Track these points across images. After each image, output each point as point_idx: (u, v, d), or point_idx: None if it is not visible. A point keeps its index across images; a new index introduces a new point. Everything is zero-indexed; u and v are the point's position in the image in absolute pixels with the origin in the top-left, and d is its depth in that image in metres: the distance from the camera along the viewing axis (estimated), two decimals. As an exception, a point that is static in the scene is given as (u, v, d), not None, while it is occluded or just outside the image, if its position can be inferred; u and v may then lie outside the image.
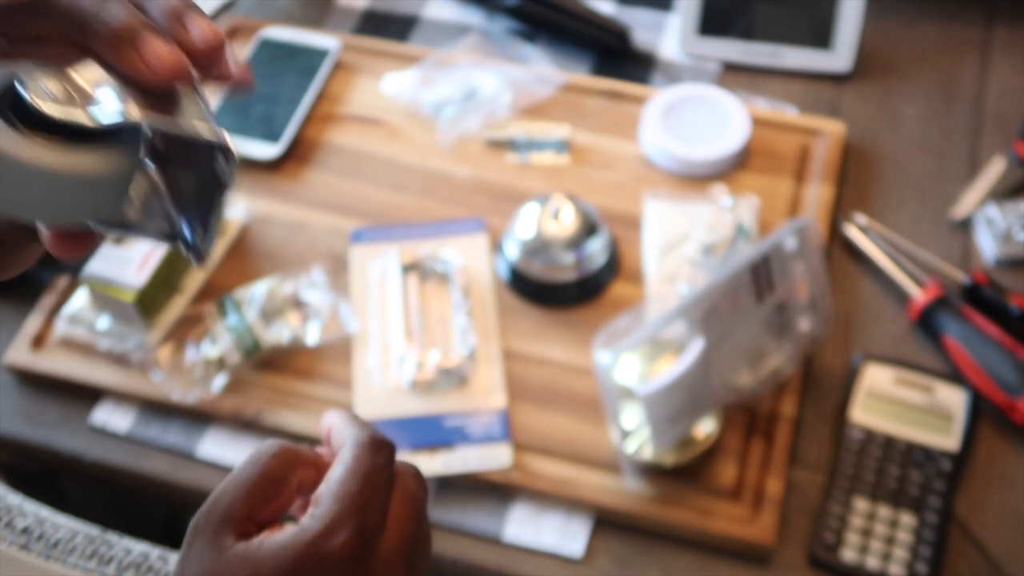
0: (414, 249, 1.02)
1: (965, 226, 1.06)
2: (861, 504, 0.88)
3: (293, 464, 0.51)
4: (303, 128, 1.13)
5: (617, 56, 1.22)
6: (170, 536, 0.85)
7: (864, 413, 0.93)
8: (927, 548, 0.86)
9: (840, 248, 1.05)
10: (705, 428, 0.91)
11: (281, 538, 0.47)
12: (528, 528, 0.89)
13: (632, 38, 1.21)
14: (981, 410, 0.93)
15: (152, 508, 1.04)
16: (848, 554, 0.86)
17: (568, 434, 0.92)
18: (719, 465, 0.90)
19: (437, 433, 0.92)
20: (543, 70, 1.18)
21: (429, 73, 1.17)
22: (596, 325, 0.92)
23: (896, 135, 1.14)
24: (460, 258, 1.01)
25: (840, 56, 1.17)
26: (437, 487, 0.91)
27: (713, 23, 1.19)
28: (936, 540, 0.86)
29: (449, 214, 1.06)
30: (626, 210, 1.06)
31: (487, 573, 0.88)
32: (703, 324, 0.86)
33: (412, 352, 0.95)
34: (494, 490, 0.91)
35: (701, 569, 0.88)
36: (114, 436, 0.95)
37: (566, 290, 1.00)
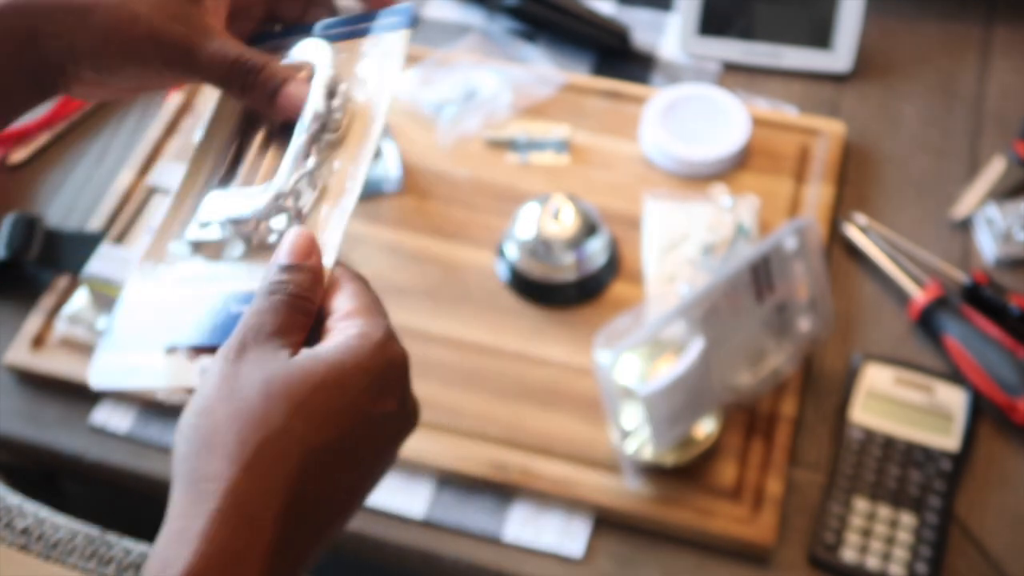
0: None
1: (965, 226, 1.06)
2: (861, 504, 0.88)
3: (310, 300, 0.51)
4: (303, 128, 1.13)
5: (617, 56, 1.22)
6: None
7: (864, 413, 0.93)
8: (927, 548, 0.86)
9: (840, 248, 1.05)
10: (705, 428, 0.91)
11: (348, 342, 0.48)
12: (528, 528, 0.89)
13: (632, 38, 1.21)
14: (981, 410, 0.93)
15: (152, 508, 1.04)
16: (848, 554, 0.86)
17: (568, 434, 0.92)
18: (719, 465, 0.90)
19: None
20: (543, 70, 1.18)
21: (429, 73, 1.17)
22: (596, 325, 0.92)
23: (896, 135, 1.14)
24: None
25: (840, 56, 1.17)
26: (437, 487, 0.91)
27: (713, 23, 1.19)
28: (936, 540, 0.86)
29: (449, 214, 1.06)
30: (626, 210, 1.06)
31: (487, 573, 0.88)
32: (703, 324, 0.86)
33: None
34: (494, 490, 0.91)
35: (701, 569, 0.88)
36: (114, 436, 0.95)
37: (566, 290, 1.00)
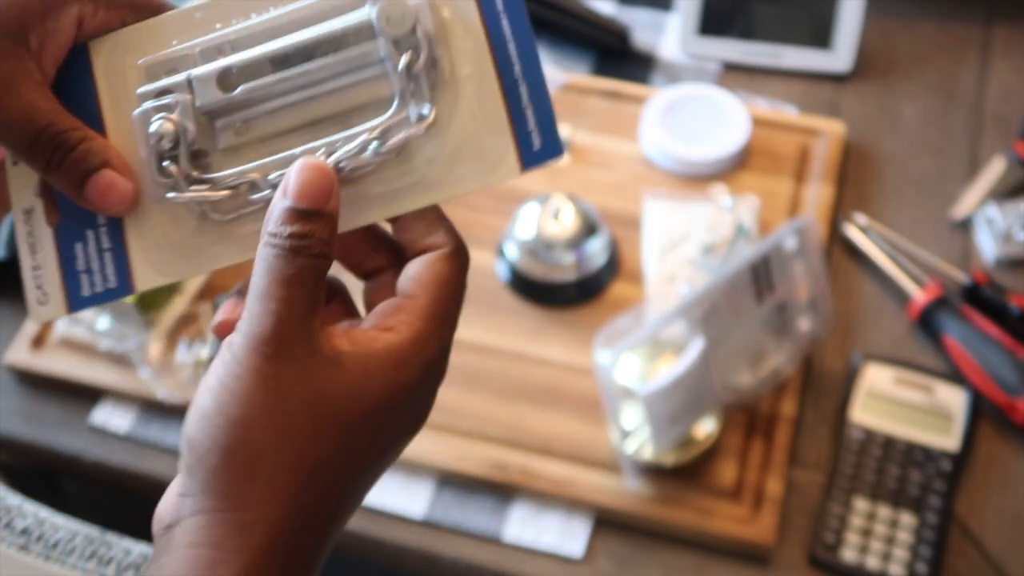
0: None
1: (965, 226, 1.06)
2: (861, 504, 0.88)
3: (330, 256, 0.43)
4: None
5: (617, 56, 1.22)
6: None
7: (864, 413, 0.93)
8: (927, 548, 0.86)
9: (840, 248, 1.05)
10: (705, 428, 0.91)
11: (403, 362, 0.42)
12: (528, 528, 0.89)
13: (632, 38, 1.21)
14: (981, 410, 0.93)
15: (152, 508, 1.04)
16: (848, 554, 0.86)
17: (568, 434, 0.92)
18: (719, 465, 0.90)
19: None
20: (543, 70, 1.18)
21: (429, 73, 1.16)
22: (596, 325, 0.92)
23: (896, 135, 1.14)
24: None
25: (840, 56, 1.17)
26: (437, 487, 0.91)
27: (713, 23, 1.19)
28: (936, 540, 0.86)
29: (449, 214, 1.06)
30: (626, 210, 1.05)
31: (487, 573, 0.88)
32: (703, 324, 0.86)
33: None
34: (494, 490, 0.91)
35: (701, 569, 0.88)
36: (114, 436, 0.95)
37: (566, 290, 1.00)
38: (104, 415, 0.96)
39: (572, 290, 1.00)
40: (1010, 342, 0.94)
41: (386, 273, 0.47)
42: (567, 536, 0.89)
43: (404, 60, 0.44)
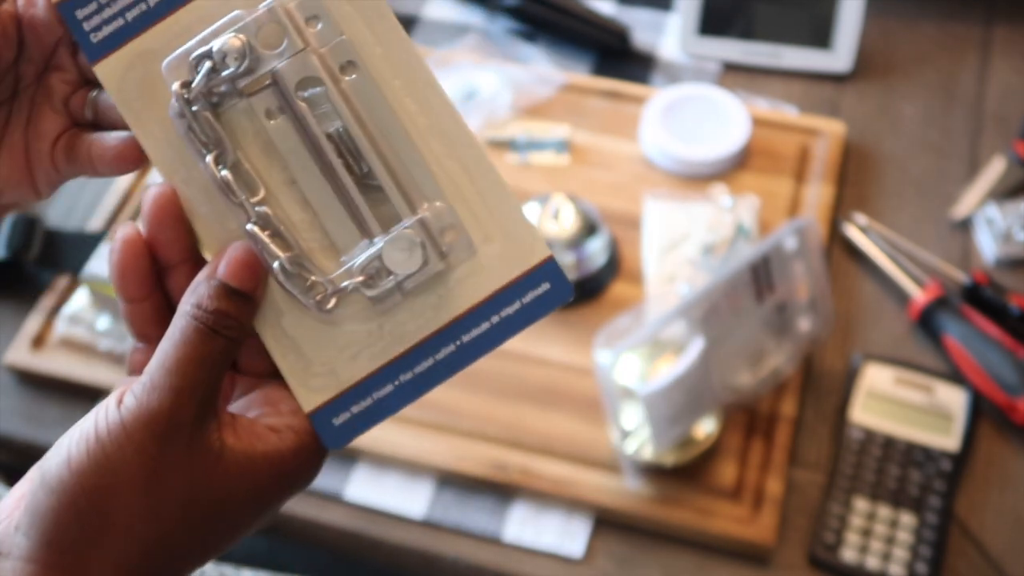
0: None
1: (965, 226, 1.06)
2: (861, 504, 0.88)
3: (248, 328, 0.43)
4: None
5: (617, 56, 1.22)
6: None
7: (864, 413, 0.93)
8: (927, 548, 0.86)
9: (840, 248, 1.05)
10: (705, 428, 0.91)
11: (281, 459, 0.42)
12: (528, 528, 0.89)
13: (632, 38, 1.21)
14: (981, 410, 0.93)
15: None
16: (848, 554, 0.86)
17: (568, 434, 0.92)
18: (719, 465, 0.90)
19: None
20: (543, 70, 1.18)
21: (429, 73, 1.16)
22: (596, 325, 0.92)
23: (896, 135, 1.14)
24: None
25: (840, 56, 1.17)
26: (437, 487, 0.91)
27: (713, 23, 1.19)
28: (936, 540, 0.86)
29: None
30: (626, 210, 1.05)
31: (487, 573, 0.88)
32: (703, 324, 0.86)
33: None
34: (494, 490, 0.91)
35: (701, 569, 0.88)
36: (114, 436, 0.95)
37: (566, 290, 1.00)
38: (104, 415, 0.96)
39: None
40: (1010, 342, 0.94)
41: None
42: (567, 536, 0.89)
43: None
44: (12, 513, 0.41)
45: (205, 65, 0.42)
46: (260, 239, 0.42)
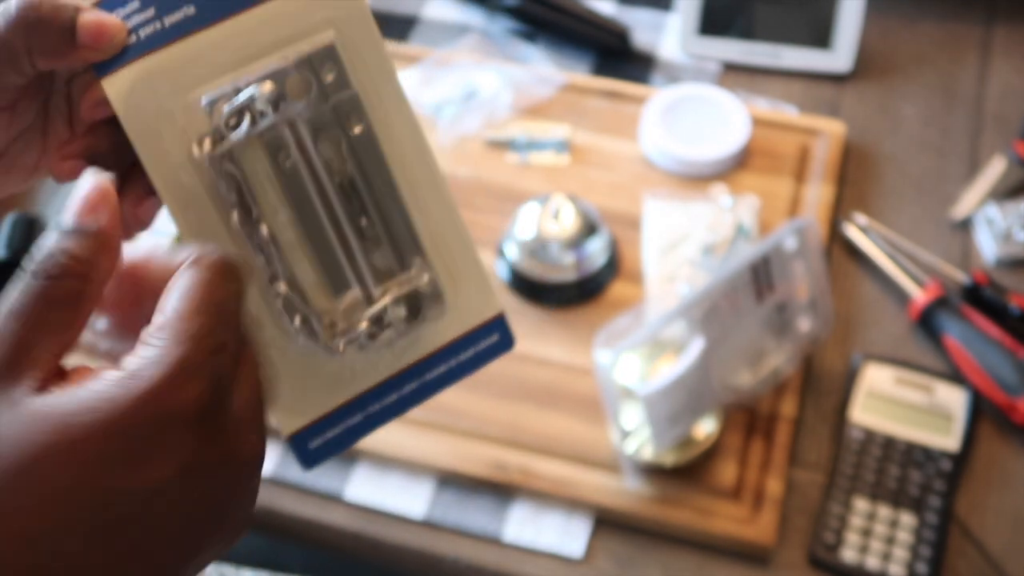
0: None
1: (965, 226, 1.06)
2: (861, 504, 0.88)
3: (87, 278, 0.38)
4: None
5: (617, 56, 1.22)
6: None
7: (864, 413, 0.93)
8: (927, 548, 0.86)
9: (840, 248, 1.05)
10: (705, 428, 0.91)
11: (100, 387, 0.36)
12: (528, 528, 0.89)
13: (632, 38, 1.21)
14: (981, 410, 0.93)
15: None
16: (848, 554, 0.86)
17: (568, 434, 0.92)
18: (719, 465, 0.90)
19: None
20: (543, 70, 1.18)
21: (429, 73, 1.17)
22: (596, 325, 0.92)
23: (896, 135, 1.14)
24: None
25: (840, 56, 1.17)
26: (437, 487, 0.91)
27: (713, 23, 1.19)
28: (936, 540, 0.86)
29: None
30: (626, 210, 1.06)
31: (487, 573, 0.88)
32: (703, 324, 0.86)
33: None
34: (494, 490, 0.91)
35: (701, 569, 0.88)
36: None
37: (566, 290, 1.00)
38: (104, 415, 0.96)
39: (572, 290, 1.00)
40: (1010, 342, 0.94)
41: None
42: (567, 536, 0.89)
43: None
44: None
45: (245, 120, 0.44)
46: (290, 297, 0.45)
